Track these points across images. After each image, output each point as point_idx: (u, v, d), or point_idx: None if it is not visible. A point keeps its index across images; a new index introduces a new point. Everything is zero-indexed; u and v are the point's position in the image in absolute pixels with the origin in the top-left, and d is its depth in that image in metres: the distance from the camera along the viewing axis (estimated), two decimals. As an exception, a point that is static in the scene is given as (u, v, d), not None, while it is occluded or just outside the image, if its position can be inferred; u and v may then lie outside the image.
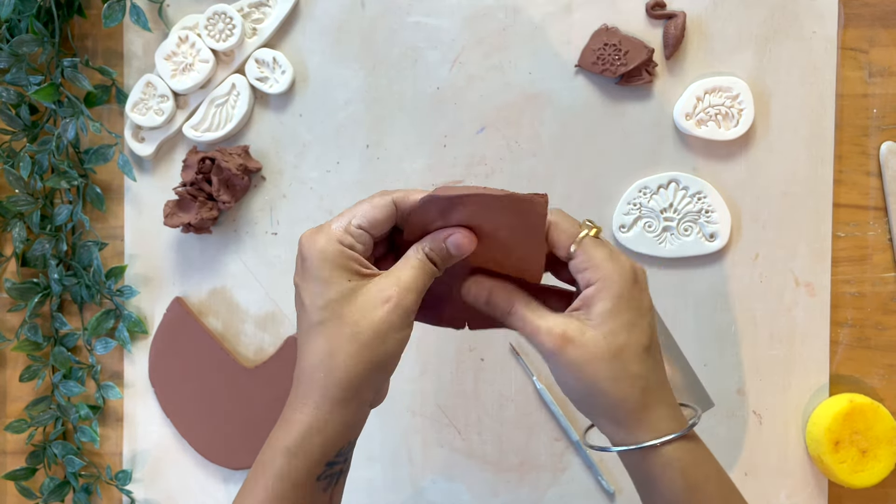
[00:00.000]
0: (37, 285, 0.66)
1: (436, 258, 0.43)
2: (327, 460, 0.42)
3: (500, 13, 0.65)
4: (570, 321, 0.42)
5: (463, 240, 0.43)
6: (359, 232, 0.43)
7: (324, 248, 0.42)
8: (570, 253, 0.43)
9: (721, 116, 0.63)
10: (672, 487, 0.42)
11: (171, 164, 0.67)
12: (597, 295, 0.42)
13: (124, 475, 0.67)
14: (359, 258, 0.43)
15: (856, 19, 0.64)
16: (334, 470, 0.43)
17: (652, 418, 0.42)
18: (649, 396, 0.42)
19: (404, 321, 0.42)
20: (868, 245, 0.65)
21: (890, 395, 0.65)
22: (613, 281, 0.42)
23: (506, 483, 0.66)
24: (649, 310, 0.43)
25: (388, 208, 0.43)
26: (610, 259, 0.42)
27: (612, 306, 0.41)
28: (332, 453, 0.42)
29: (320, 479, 0.42)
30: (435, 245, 0.43)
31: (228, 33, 0.64)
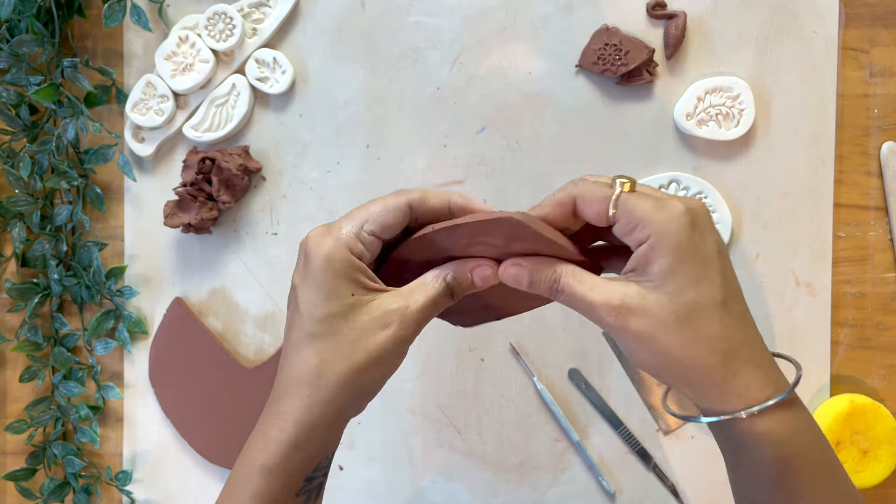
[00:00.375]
0: (37, 285, 0.66)
1: (456, 288, 0.41)
2: (306, 476, 0.40)
3: (500, 13, 0.65)
4: (628, 287, 0.37)
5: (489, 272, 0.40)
6: (370, 239, 0.40)
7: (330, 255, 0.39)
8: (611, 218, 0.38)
9: (722, 116, 0.63)
10: (764, 461, 0.37)
11: (171, 165, 0.67)
12: (651, 252, 0.36)
13: (124, 476, 0.67)
14: (366, 270, 0.40)
15: (856, 19, 0.64)
16: (313, 485, 0.41)
17: (739, 384, 0.36)
18: (733, 360, 0.37)
19: (400, 350, 0.40)
20: (869, 245, 0.64)
21: (891, 396, 0.65)
22: (666, 231, 0.36)
23: (506, 483, 0.66)
24: (718, 255, 0.37)
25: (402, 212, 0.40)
26: (656, 208, 0.37)
27: (672, 260, 0.36)
28: (310, 469, 0.40)
29: (299, 495, 0.41)
30: (459, 275, 0.41)
31: (228, 33, 0.64)
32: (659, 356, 0.37)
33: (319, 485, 0.42)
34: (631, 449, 0.65)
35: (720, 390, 0.37)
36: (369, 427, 0.66)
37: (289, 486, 0.40)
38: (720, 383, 0.37)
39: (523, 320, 0.65)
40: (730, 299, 0.37)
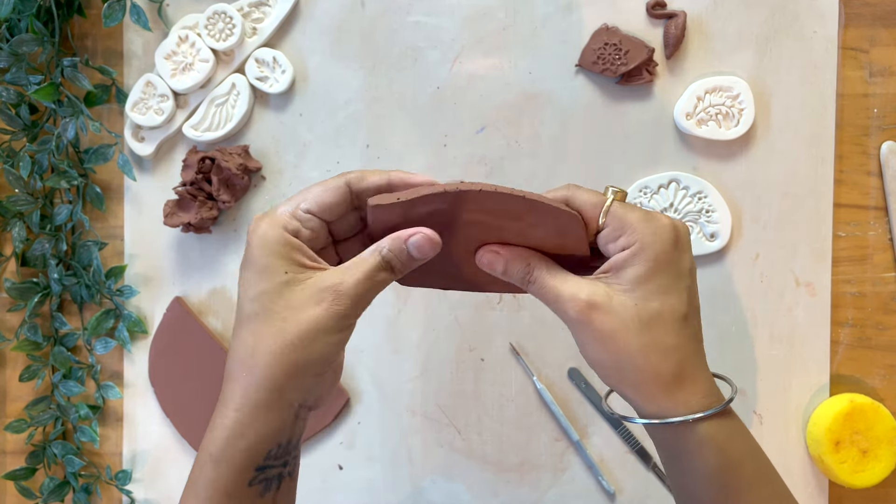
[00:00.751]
0: (36, 285, 0.66)
1: (395, 261, 0.40)
2: (256, 465, 0.39)
3: (500, 13, 0.65)
4: (597, 286, 0.39)
5: (425, 242, 0.40)
6: (306, 217, 0.40)
7: (264, 234, 0.39)
8: (600, 225, 0.39)
9: (721, 116, 0.63)
10: (707, 465, 0.39)
11: (171, 164, 0.67)
12: (630, 258, 0.38)
13: (124, 475, 0.67)
14: (301, 247, 0.39)
15: (856, 19, 0.64)
16: (268, 474, 0.40)
17: (686, 392, 0.39)
18: (684, 369, 0.39)
19: (338, 325, 0.39)
20: (868, 245, 0.64)
21: (890, 395, 0.65)
22: (650, 242, 0.38)
23: (506, 483, 0.66)
24: (689, 273, 0.39)
25: (341, 190, 0.40)
26: (645, 220, 0.39)
27: (647, 270, 0.38)
28: (260, 458, 0.39)
29: (253, 485, 0.39)
30: (394, 246, 0.40)
31: (228, 33, 0.64)
32: (615, 356, 0.38)
33: (278, 475, 0.41)
34: (631, 448, 0.65)
35: (668, 396, 0.39)
36: (369, 427, 0.66)
37: (238, 475, 0.39)
38: (669, 389, 0.39)
39: (523, 320, 0.65)
40: (690, 315, 0.39)
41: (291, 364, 0.38)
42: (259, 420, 0.39)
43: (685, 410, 0.39)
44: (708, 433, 0.39)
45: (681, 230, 0.40)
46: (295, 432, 0.41)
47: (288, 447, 0.41)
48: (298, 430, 0.42)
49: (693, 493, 0.40)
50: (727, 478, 0.39)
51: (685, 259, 0.39)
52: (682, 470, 0.40)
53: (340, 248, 0.44)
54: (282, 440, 0.40)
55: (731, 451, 0.39)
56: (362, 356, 0.66)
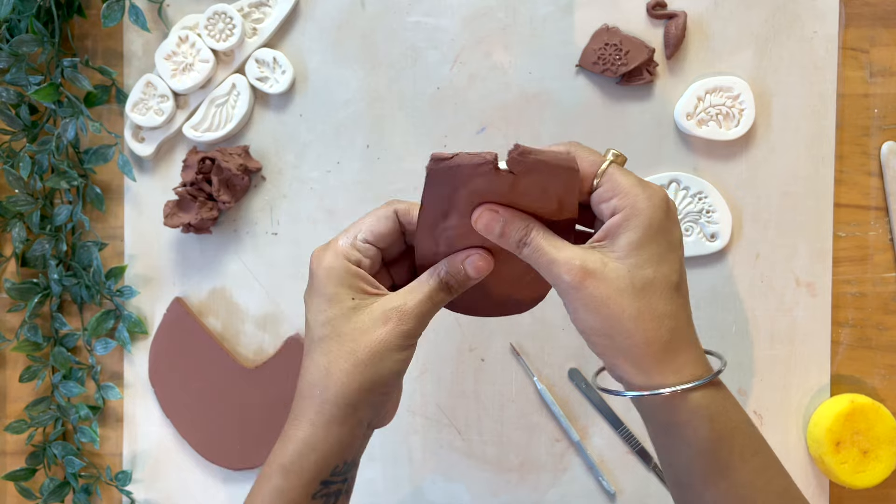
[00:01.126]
0: (36, 285, 0.66)
1: (452, 282, 0.42)
2: (322, 479, 0.42)
3: (500, 13, 0.64)
4: (591, 253, 0.39)
5: (480, 261, 0.42)
6: (365, 246, 0.43)
7: (330, 265, 0.42)
8: (594, 185, 0.40)
9: (722, 116, 0.63)
10: (698, 436, 0.39)
11: (171, 164, 0.67)
12: (623, 224, 0.39)
13: (124, 476, 0.67)
14: (365, 276, 0.42)
15: (857, 19, 0.64)
16: (331, 490, 0.42)
17: (678, 362, 0.39)
18: (676, 338, 0.39)
19: (403, 343, 0.42)
20: (869, 245, 0.64)
21: (891, 396, 0.65)
22: (643, 209, 0.38)
23: (506, 483, 0.66)
24: (680, 244, 0.40)
25: (391, 219, 0.43)
26: (639, 185, 0.39)
27: (640, 237, 0.38)
28: (328, 472, 0.42)
29: (316, 498, 0.42)
30: (452, 268, 0.42)
31: (228, 33, 0.64)
32: (608, 322, 0.39)
33: (338, 491, 0.43)
34: (631, 449, 0.65)
35: (660, 364, 0.39)
36: (369, 427, 0.66)
37: (305, 487, 0.41)
38: (661, 358, 0.39)
39: (523, 320, 0.65)
40: (682, 284, 0.40)
41: (363, 381, 0.41)
42: (332, 435, 0.41)
43: (676, 380, 0.39)
44: (699, 403, 0.39)
45: (671, 203, 0.40)
46: (358, 450, 0.44)
47: (351, 464, 0.43)
48: (362, 449, 0.44)
49: (684, 466, 0.40)
50: (719, 449, 0.39)
51: (676, 230, 0.40)
52: (673, 443, 0.40)
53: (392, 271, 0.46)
54: (348, 457, 0.43)
55: (723, 422, 0.39)
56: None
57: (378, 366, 0.41)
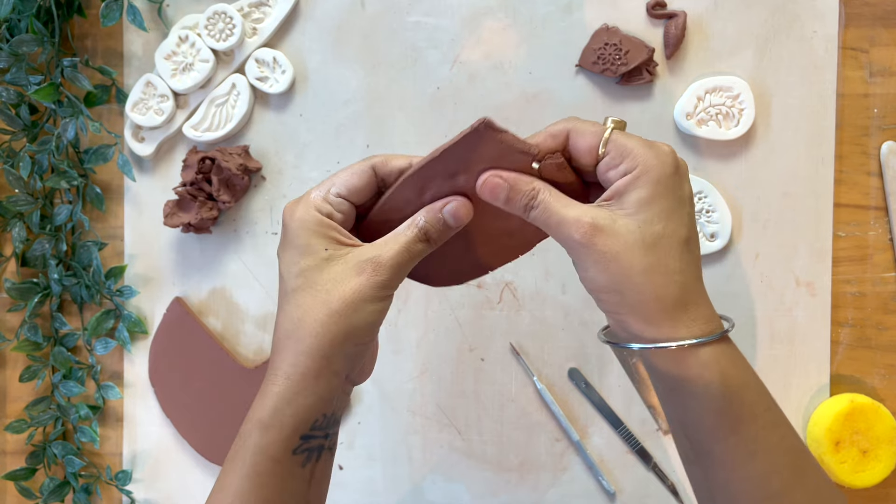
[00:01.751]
0: (36, 285, 0.66)
1: (431, 231, 0.42)
2: (302, 433, 0.41)
3: (500, 13, 0.64)
4: (600, 210, 0.39)
5: (460, 209, 0.42)
6: (338, 200, 0.42)
7: (302, 217, 0.42)
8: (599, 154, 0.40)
9: (722, 116, 0.63)
10: (709, 392, 0.39)
11: (171, 164, 0.67)
12: (632, 182, 0.39)
13: (124, 475, 0.67)
14: (337, 227, 0.42)
15: (856, 19, 0.64)
16: (311, 444, 0.42)
17: (688, 317, 0.39)
18: (687, 293, 0.39)
19: (378, 294, 0.41)
20: (869, 245, 0.64)
21: (891, 395, 0.65)
22: (652, 166, 0.39)
23: (506, 483, 0.66)
24: (690, 199, 0.40)
25: (367, 174, 0.43)
26: (646, 146, 0.39)
27: (649, 193, 0.38)
28: (307, 426, 0.41)
29: (296, 453, 0.41)
30: (430, 216, 0.42)
31: (228, 33, 0.64)
32: (618, 277, 0.38)
33: (319, 447, 0.42)
34: (631, 448, 0.65)
35: (671, 319, 0.39)
36: (369, 427, 0.66)
37: (284, 441, 0.41)
38: (672, 313, 0.39)
39: (523, 320, 0.65)
40: (691, 240, 0.40)
41: (338, 332, 0.40)
42: (308, 387, 0.41)
43: (687, 334, 0.38)
44: (710, 358, 0.39)
45: (680, 160, 0.40)
46: (339, 406, 0.43)
47: (332, 419, 0.43)
48: (342, 405, 0.43)
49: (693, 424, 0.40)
50: (730, 404, 0.39)
51: (686, 185, 0.40)
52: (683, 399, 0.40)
53: None
54: (327, 411, 0.42)
55: (733, 378, 0.39)
56: (362, 356, 0.66)
57: (352, 316, 0.40)
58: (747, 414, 0.39)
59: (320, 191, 0.42)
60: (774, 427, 0.40)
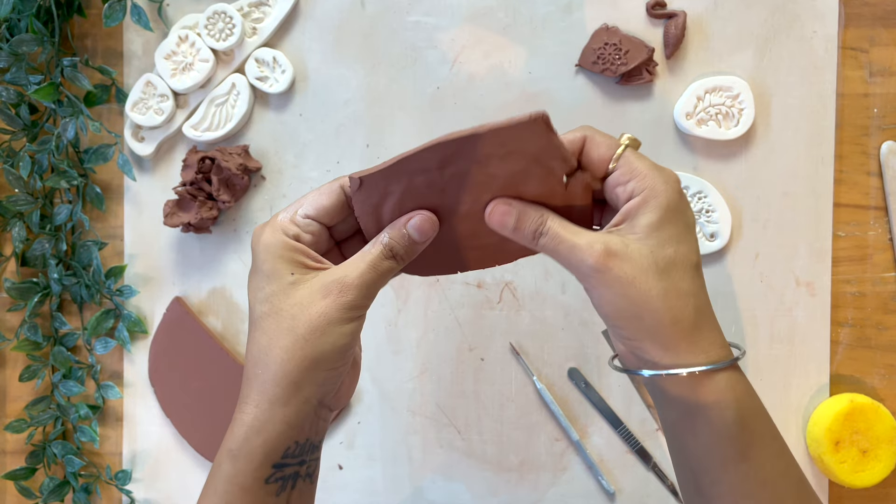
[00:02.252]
0: (36, 285, 0.66)
1: (397, 248, 0.41)
2: (273, 462, 0.40)
3: (500, 13, 0.65)
4: (611, 236, 0.39)
5: (424, 223, 0.41)
6: (305, 221, 0.41)
7: (267, 241, 0.41)
8: (609, 169, 0.40)
9: (721, 116, 0.63)
10: (724, 418, 0.38)
11: (171, 164, 0.67)
12: (642, 206, 0.39)
13: (124, 475, 0.67)
14: (304, 249, 0.41)
15: (856, 19, 0.64)
16: (285, 473, 0.41)
17: (703, 341, 0.39)
18: (701, 317, 0.39)
19: (346, 315, 0.40)
20: (868, 245, 0.64)
21: (890, 395, 0.65)
22: (660, 191, 0.39)
23: (506, 483, 0.66)
24: (694, 225, 0.40)
25: (336, 193, 0.42)
26: (655, 168, 0.40)
27: (659, 217, 0.39)
28: (277, 455, 0.40)
29: (269, 482, 0.40)
30: (395, 233, 0.41)
31: (228, 33, 0.64)
32: (634, 303, 0.38)
33: (294, 474, 0.41)
34: (631, 448, 0.65)
35: (688, 344, 0.38)
36: (369, 427, 0.66)
37: (255, 471, 0.40)
38: (689, 337, 0.38)
39: (523, 320, 0.65)
40: (699, 265, 0.40)
41: (304, 358, 0.39)
42: (276, 415, 0.40)
43: (705, 359, 0.38)
44: (727, 384, 0.38)
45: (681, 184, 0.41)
46: (315, 432, 0.42)
47: (306, 446, 0.41)
48: (319, 431, 0.42)
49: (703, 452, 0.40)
50: (742, 432, 0.39)
51: (689, 211, 0.40)
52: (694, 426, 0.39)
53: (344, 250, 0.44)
54: (299, 438, 0.41)
55: (747, 405, 0.39)
56: (362, 356, 0.66)
57: (319, 341, 0.39)
58: (757, 441, 0.39)
59: (287, 213, 0.41)
60: (780, 456, 0.40)
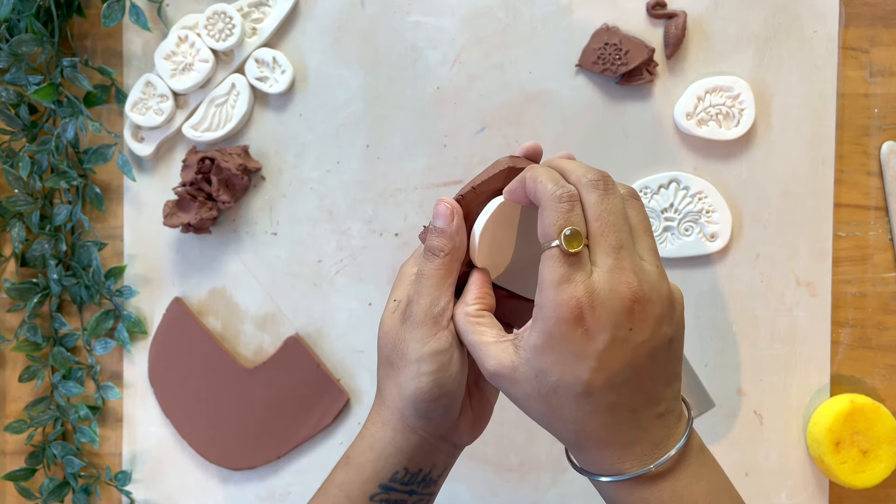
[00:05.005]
0: (36, 285, 0.66)
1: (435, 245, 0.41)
2: (381, 481, 0.42)
3: (500, 13, 0.64)
4: (508, 350, 0.38)
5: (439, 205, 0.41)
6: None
7: None
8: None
9: (722, 116, 0.63)
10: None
11: (171, 164, 0.67)
12: (532, 325, 0.37)
13: (124, 476, 0.67)
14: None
15: (857, 19, 0.64)
16: (391, 497, 0.42)
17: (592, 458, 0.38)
18: (586, 440, 0.38)
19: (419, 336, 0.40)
20: (869, 245, 0.64)
21: (891, 396, 0.65)
22: (546, 316, 0.36)
23: (506, 483, 0.66)
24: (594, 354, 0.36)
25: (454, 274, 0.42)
26: (556, 287, 0.36)
27: (543, 343, 0.36)
28: (386, 475, 0.42)
29: (373, 500, 0.42)
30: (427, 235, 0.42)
31: (228, 33, 0.64)
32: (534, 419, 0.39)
33: (401, 501, 0.43)
34: (631, 449, 0.65)
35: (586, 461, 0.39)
36: (369, 427, 0.66)
37: (363, 484, 0.42)
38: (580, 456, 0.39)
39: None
40: (596, 392, 0.36)
41: (400, 388, 0.41)
42: (387, 437, 0.42)
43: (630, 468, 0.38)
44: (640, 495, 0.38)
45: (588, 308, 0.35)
46: (430, 464, 0.43)
47: (418, 476, 0.43)
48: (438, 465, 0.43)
49: None
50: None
51: (586, 342, 0.36)
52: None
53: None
54: (410, 466, 0.42)
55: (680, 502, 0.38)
56: (362, 356, 0.66)
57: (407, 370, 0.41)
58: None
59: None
60: None
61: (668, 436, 0.38)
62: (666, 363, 0.38)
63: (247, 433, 0.66)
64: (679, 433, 0.38)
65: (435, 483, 0.44)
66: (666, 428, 0.38)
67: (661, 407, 0.38)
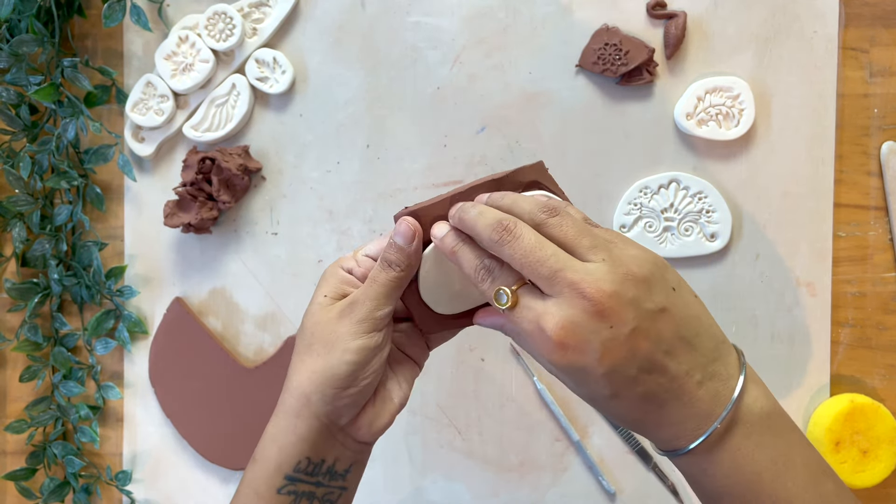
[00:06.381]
0: (37, 285, 0.66)
1: (389, 256, 0.42)
2: (285, 472, 0.42)
3: (500, 13, 0.64)
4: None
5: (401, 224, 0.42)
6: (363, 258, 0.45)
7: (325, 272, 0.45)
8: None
9: (722, 116, 0.63)
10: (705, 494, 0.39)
11: (171, 164, 0.67)
12: None
13: (124, 475, 0.67)
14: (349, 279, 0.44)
15: (856, 19, 0.64)
16: (297, 488, 0.43)
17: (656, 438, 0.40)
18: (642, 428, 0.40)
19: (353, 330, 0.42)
20: (869, 245, 0.64)
21: (891, 396, 0.65)
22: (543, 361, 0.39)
23: (506, 483, 0.66)
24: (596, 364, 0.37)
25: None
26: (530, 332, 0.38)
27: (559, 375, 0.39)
28: (290, 466, 0.42)
29: (281, 493, 0.42)
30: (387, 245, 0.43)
31: (228, 33, 0.64)
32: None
33: (308, 493, 0.43)
34: (631, 448, 0.65)
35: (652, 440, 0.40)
36: (369, 427, 0.66)
37: (269, 478, 0.42)
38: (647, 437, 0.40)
39: (523, 320, 0.65)
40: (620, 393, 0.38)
41: (314, 371, 0.42)
42: (289, 426, 0.42)
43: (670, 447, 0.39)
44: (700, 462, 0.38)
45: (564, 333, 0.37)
46: (333, 456, 0.43)
47: (322, 467, 0.43)
48: (341, 459, 0.44)
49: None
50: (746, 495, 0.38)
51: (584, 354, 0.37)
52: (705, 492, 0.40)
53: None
54: (312, 455, 0.43)
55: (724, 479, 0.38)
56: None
57: (329, 356, 0.41)
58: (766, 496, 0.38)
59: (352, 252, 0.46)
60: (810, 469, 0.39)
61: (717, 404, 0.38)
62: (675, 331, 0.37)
63: (247, 433, 0.66)
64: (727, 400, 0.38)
65: (342, 477, 0.45)
66: (713, 397, 0.38)
67: (696, 375, 0.38)
